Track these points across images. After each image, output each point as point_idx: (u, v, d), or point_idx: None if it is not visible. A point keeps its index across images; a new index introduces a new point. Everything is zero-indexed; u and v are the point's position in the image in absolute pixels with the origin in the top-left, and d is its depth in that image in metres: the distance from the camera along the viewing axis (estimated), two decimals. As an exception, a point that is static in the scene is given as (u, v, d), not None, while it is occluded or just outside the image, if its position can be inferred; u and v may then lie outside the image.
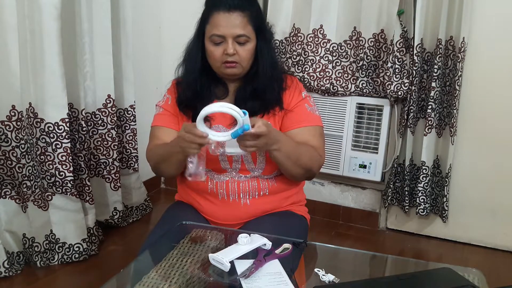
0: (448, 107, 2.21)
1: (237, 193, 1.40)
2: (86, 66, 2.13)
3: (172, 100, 1.47)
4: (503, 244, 2.33)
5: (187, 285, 1.02)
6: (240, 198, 1.40)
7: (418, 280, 1.03)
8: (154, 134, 1.47)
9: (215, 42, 1.34)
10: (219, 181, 1.40)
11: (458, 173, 2.31)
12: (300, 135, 1.39)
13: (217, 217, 1.43)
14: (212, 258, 1.08)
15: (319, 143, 1.41)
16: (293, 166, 1.34)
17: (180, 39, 1.51)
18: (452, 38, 2.15)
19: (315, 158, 1.38)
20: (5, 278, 1.87)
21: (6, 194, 1.94)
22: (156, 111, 1.50)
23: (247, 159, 1.39)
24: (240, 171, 1.40)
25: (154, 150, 1.43)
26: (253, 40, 1.36)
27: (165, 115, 1.46)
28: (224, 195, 1.40)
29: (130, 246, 2.24)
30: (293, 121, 1.41)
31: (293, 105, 1.42)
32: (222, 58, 1.34)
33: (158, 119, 1.48)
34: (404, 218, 2.49)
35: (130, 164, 2.48)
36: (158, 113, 1.49)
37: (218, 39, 1.33)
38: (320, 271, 1.13)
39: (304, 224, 1.49)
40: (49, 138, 1.93)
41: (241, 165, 1.40)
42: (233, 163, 1.39)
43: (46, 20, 1.83)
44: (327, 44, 2.35)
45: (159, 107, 1.49)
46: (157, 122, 1.48)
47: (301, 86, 1.48)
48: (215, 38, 1.33)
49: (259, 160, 1.39)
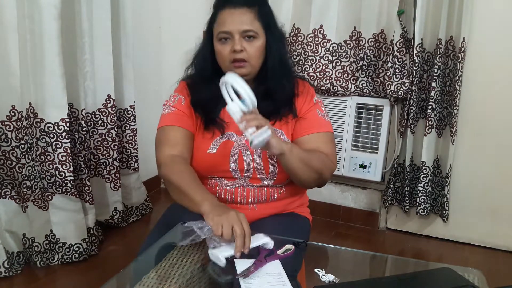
0: (448, 107, 2.21)
1: (246, 199, 1.37)
2: (86, 66, 2.13)
3: (186, 101, 1.37)
4: (503, 244, 2.33)
5: (187, 285, 1.02)
6: (248, 204, 1.37)
7: (418, 280, 1.03)
8: (164, 137, 1.33)
9: (222, 39, 1.30)
10: (228, 188, 1.36)
11: (459, 173, 2.31)
12: (311, 142, 1.35)
13: None
14: (211, 253, 1.07)
15: (330, 149, 1.36)
16: (305, 169, 1.27)
17: (180, 39, 1.51)
18: (452, 38, 2.15)
19: (327, 163, 1.33)
20: (5, 278, 1.87)
21: (6, 194, 1.94)
22: (164, 111, 1.37)
23: (259, 169, 1.35)
24: (251, 180, 1.36)
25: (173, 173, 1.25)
26: (262, 37, 1.31)
27: (179, 115, 1.35)
28: (232, 201, 1.37)
29: (130, 246, 2.24)
30: (303, 128, 1.37)
31: (304, 111, 1.39)
32: (230, 57, 1.29)
33: (170, 118, 1.34)
34: (404, 218, 2.49)
35: (130, 164, 2.48)
36: (169, 113, 1.36)
37: (225, 35, 1.29)
38: (320, 271, 1.13)
39: (307, 225, 1.49)
40: (49, 138, 1.93)
41: (252, 174, 1.35)
42: (245, 172, 1.35)
43: (46, 20, 1.83)
44: (327, 44, 2.35)
45: (170, 107, 1.37)
46: (169, 121, 1.34)
47: (312, 91, 1.44)
48: (221, 35, 1.29)
49: (271, 170, 1.35)
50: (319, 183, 1.36)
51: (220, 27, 1.30)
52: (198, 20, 1.54)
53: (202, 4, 2.64)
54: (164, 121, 1.36)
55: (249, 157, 1.35)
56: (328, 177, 1.36)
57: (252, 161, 1.35)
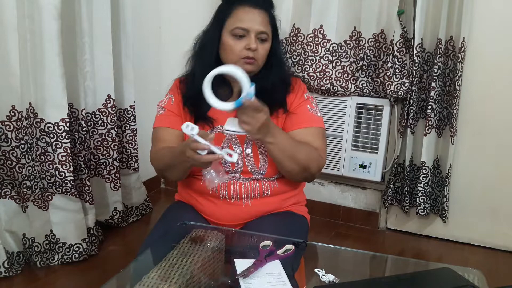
0: (448, 107, 2.21)
1: (239, 194, 1.39)
2: (86, 66, 2.13)
3: (175, 99, 1.45)
4: (503, 244, 2.33)
5: (187, 285, 1.02)
6: (242, 199, 1.40)
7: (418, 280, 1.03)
8: (157, 136, 1.43)
9: (237, 36, 1.33)
10: (220, 182, 1.38)
11: (458, 173, 2.31)
12: (301, 136, 1.38)
13: (218, 218, 1.42)
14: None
15: (320, 144, 1.40)
16: (288, 161, 1.32)
17: (180, 39, 1.51)
18: (452, 38, 2.15)
19: (314, 157, 1.36)
20: (5, 278, 1.87)
21: (6, 194, 1.94)
22: (158, 112, 1.47)
23: (249, 162, 1.38)
24: (242, 173, 1.39)
25: (159, 155, 1.40)
26: (270, 40, 1.38)
27: (169, 116, 1.44)
28: (226, 196, 1.39)
29: (130, 246, 2.24)
30: (294, 122, 1.40)
31: (295, 106, 1.42)
32: (242, 53, 1.33)
33: (161, 120, 1.45)
34: (404, 218, 2.49)
35: (130, 164, 2.48)
36: (161, 114, 1.46)
37: (241, 32, 1.32)
38: (320, 271, 1.13)
39: (305, 224, 1.49)
40: (49, 138, 1.93)
41: (243, 167, 1.39)
42: (236, 165, 1.38)
43: (46, 20, 1.83)
44: (327, 44, 2.35)
45: (161, 108, 1.46)
46: (160, 123, 1.44)
47: (304, 87, 1.48)
48: (238, 31, 1.32)
49: (261, 163, 1.38)
50: (305, 176, 1.39)
51: (237, 22, 1.32)
52: (198, 20, 1.54)
53: (202, 4, 2.66)
54: (156, 122, 1.46)
55: (239, 150, 1.38)
56: (316, 172, 1.38)
57: (243, 154, 1.38)
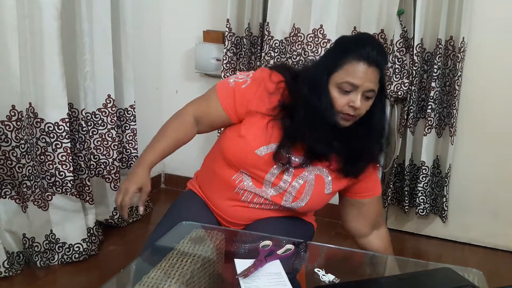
0: (448, 107, 2.21)
1: (260, 204, 1.35)
2: (86, 66, 2.13)
3: (248, 86, 1.31)
4: (503, 244, 2.33)
5: (187, 285, 1.02)
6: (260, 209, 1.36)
7: (418, 280, 1.04)
8: (205, 101, 1.36)
9: (343, 90, 1.22)
10: (248, 189, 1.32)
11: (458, 173, 2.31)
12: (373, 206, 1.43)
13: (228, 215, 1.37)
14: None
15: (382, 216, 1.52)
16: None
17: (180, 39, 1.51)
18: (452, 38, 2.15)
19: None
20: (5, 278, 1.87)
21: (6, 194, 1.94)
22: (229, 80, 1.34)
23: (289, 193, 1.33)
24: (273, 197, 1.34)
25: (166, 123, 1.38)
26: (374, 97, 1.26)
27: (230, 96, 1.31)
28: (247, 202, 1.35)
29: (130, 246, 2.24)
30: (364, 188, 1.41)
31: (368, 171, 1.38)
32: (343, 109, 1.23)
33: (225, 92, 1.32)
34: (404, 218, 2.49)
35: (130, 164, 2.48)
36: (230, 86, 1.32)
37: (350, 88, 1.21)
38: (320, 271, 1.13)
39: (310, 230, 1.46)
40: (49, 138, 1.93)
41: (279, 193, 1.33)
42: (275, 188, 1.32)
43: (46, 20, 1.83)
44: (327, 44, 2.35)
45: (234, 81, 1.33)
46: (222, 93, 1.32)
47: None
48: (346, 85, 1.21)
49: (299, 202, 1.35)
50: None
51: (348, 76, 1.21)
52: (198, 20, 1.54)
53: (202, 4, 2.66)
54: (220, 89, 1.34)
55: (289, 179, 1.32)
56: None
57: (289, 185, 1.32)
